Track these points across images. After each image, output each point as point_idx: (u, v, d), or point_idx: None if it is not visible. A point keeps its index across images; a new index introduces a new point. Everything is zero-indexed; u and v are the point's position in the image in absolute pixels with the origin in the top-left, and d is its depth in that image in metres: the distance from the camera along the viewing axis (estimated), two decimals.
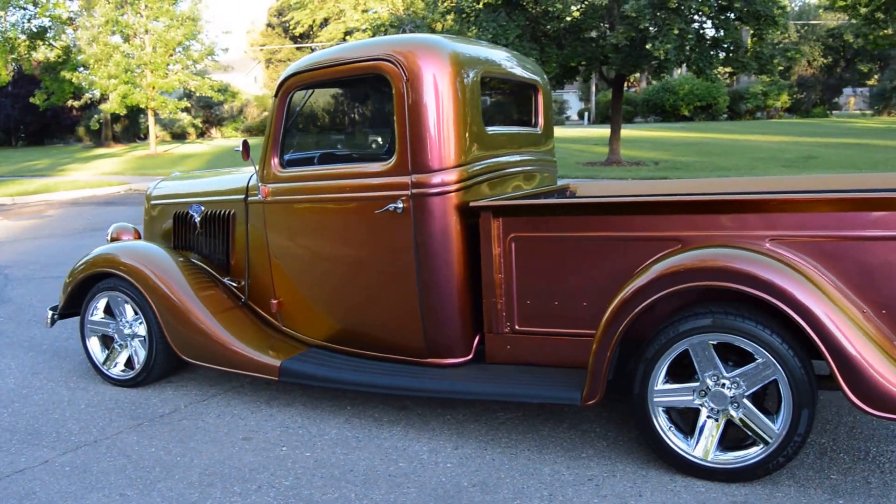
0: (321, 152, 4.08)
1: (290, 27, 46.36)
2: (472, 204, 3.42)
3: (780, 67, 19.10)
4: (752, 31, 15.05)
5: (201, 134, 37.11)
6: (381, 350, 3.70)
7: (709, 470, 2.99)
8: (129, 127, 36.52)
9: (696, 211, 3.12)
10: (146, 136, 32.42)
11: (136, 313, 4.19)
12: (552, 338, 3.42)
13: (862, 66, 43.98)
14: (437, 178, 3.41)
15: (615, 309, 3.03)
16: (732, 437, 3.01)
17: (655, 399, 3.03)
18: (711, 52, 15.20)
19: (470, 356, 3.56)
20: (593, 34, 17.73)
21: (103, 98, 27.38)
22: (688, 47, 14.27)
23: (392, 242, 3.52)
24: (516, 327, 3.47)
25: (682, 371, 3.05)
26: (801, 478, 3.00)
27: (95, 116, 30.21)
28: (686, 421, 3.09)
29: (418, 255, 3.46)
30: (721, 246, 2.98)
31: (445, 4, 17.90)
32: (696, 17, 14.86)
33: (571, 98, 54.03)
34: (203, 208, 4.36)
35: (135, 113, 30.72)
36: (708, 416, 3.00)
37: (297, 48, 50.07)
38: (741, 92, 39.59)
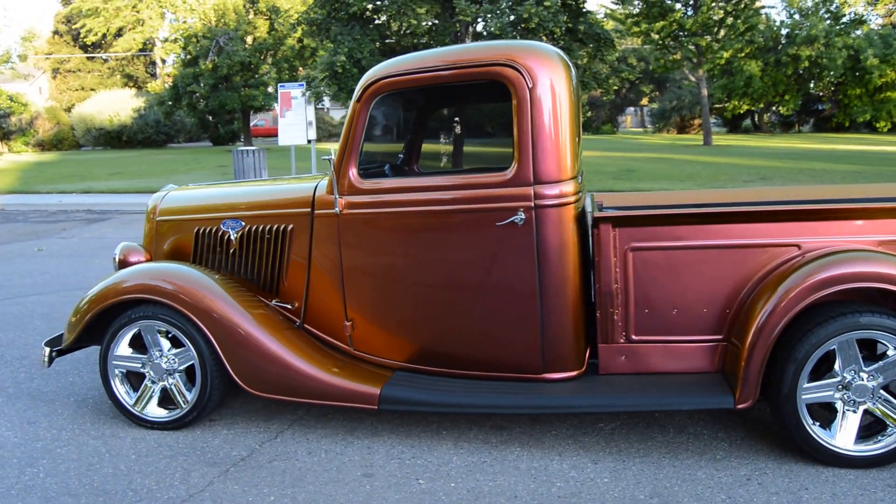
0: (403, 163, 3.83)
1: (82, 35, 42.67)
2: (595, 215, 3.39)
3: (615, 87, 20.65)
4: (589, 52, 16.15)
5: None
6: (485, 368, 3.52)
7: (850, 458, 3.17)
8: None
9: (815, 218, 3.32)
10: None
11: (175, 345, 3.68)
12: (671, 345, 3.46)
13: (644, 87, 48.51)
14: (557, 189, 3.33)
15: (770, 314, 3.12)
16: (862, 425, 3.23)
17: (803, 396, 3.17)
18: None
19: (583, 369, 3.51)
20: None
21: None
22: None
23: (510, 256, 3.38)
24: (632, 337, 3.48)
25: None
26: None
27: None
28: (818, 415, 3.26)
29: (540, 268, 3.35)
30: (852, 251, 3.20)
31: (295, 17, 17.59)
32: (544, 37, 15.69)
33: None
34: (243, 223, 3.92)
35: None
36: (846, 409, 3.19)
37: (89, 58, 46.24)
38: None
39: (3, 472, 3.31)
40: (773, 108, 39.13)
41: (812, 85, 35.64)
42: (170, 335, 3.70)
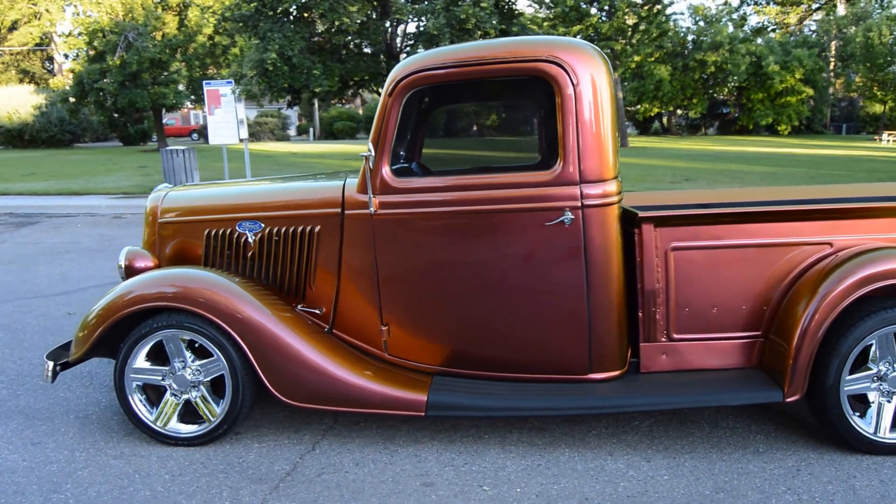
0: (435, 160, 3.74)
1: None
2: (640, 214, 3.41)
3: None
4: None
5: None
6: (529, 370, 3.48)
7: (884, 446, 3.30)
8: None
9: (847, 216, 3.45)
10: None
11: (200, 355, 3.49)
12: (710, 342, 3.52)
13: None
14: (601, 189, 3.33)
15: (814, 314, 3.21)
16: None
17: (846, 388, 3.28)
18: None
19: (626, 368, 3.52)
20: (368, 50, 17.99)
21: None
22: None
23: (556, 256, 3.35)
24: (673, 335, 3.52)
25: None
26: None
27: None
28: (852, 405, 3.38)
29: (588, 268, 3.34)
30: (884, 248, 3.34)
31: (215, 13, 17.13)
32: (480, 38, 15.78)
33: (291, 114, 53.63)
34: (262, 225, 3.75)
35: None
36: (881, 399, 3.32)
37: None
38: None
39: (26, 500, 3.05)
40: (681, 111, 40.65)
41: (717, 89, 37.20)
42: (196, 345, 3.50)
